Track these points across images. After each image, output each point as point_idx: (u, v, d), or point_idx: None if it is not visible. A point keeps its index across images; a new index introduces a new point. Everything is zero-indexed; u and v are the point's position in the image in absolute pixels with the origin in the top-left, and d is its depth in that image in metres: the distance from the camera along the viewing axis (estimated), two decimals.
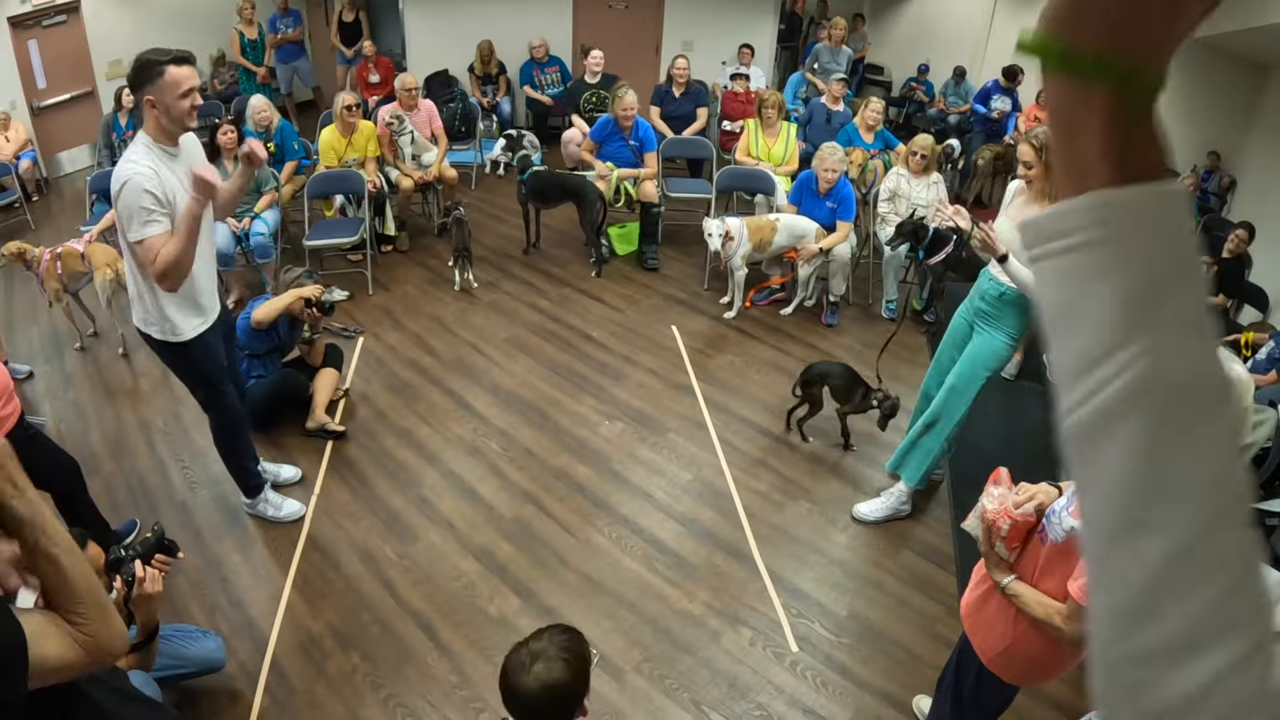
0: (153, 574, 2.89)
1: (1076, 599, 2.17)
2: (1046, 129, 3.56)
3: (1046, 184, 3.75)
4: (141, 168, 3.39)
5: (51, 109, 9.21)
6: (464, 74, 10.29)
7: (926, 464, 4.50)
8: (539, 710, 2.20)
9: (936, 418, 4.39)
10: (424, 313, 6.68)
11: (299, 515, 4.55)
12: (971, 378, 4.25)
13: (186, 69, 3.48)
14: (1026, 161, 3.86)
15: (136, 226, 3.41)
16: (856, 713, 3.58)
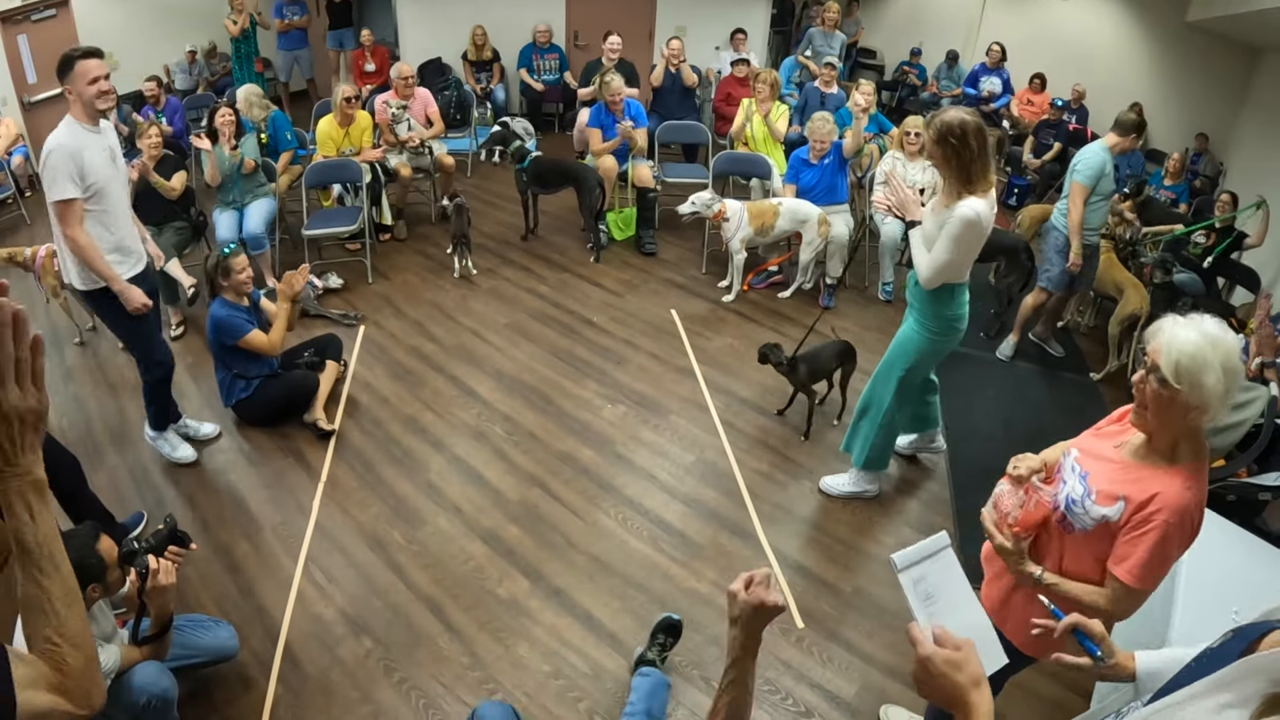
0: (166, 566, 2.92)
1: (1124, 581, 2.17)
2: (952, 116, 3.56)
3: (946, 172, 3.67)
4: (65, 140, 4.02)
5: (43, 104, 9.15)
6: (457, 62, 10.28)
7: (867, 447, 4.50)
8: None
9: (868, 404, 4.44)
10: (424, 300, 6.70)
11: (192, 459, 4.90)
12: (889, 365, 4.28)
13: (94, 61, 4.07)
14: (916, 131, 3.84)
15: (56, 189, 4.01)
16: (863, 686, 3.63)
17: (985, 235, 3.67)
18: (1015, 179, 9.59)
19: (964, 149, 3.52)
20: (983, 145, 3.54)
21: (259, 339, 4.89)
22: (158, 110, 8.57)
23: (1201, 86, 9.17)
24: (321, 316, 6.33)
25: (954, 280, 3.89)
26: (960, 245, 3.66)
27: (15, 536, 1.36)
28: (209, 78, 10.42)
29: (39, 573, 1.39)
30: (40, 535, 1.38)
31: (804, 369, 5.07)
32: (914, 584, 1.72)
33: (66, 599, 1.42)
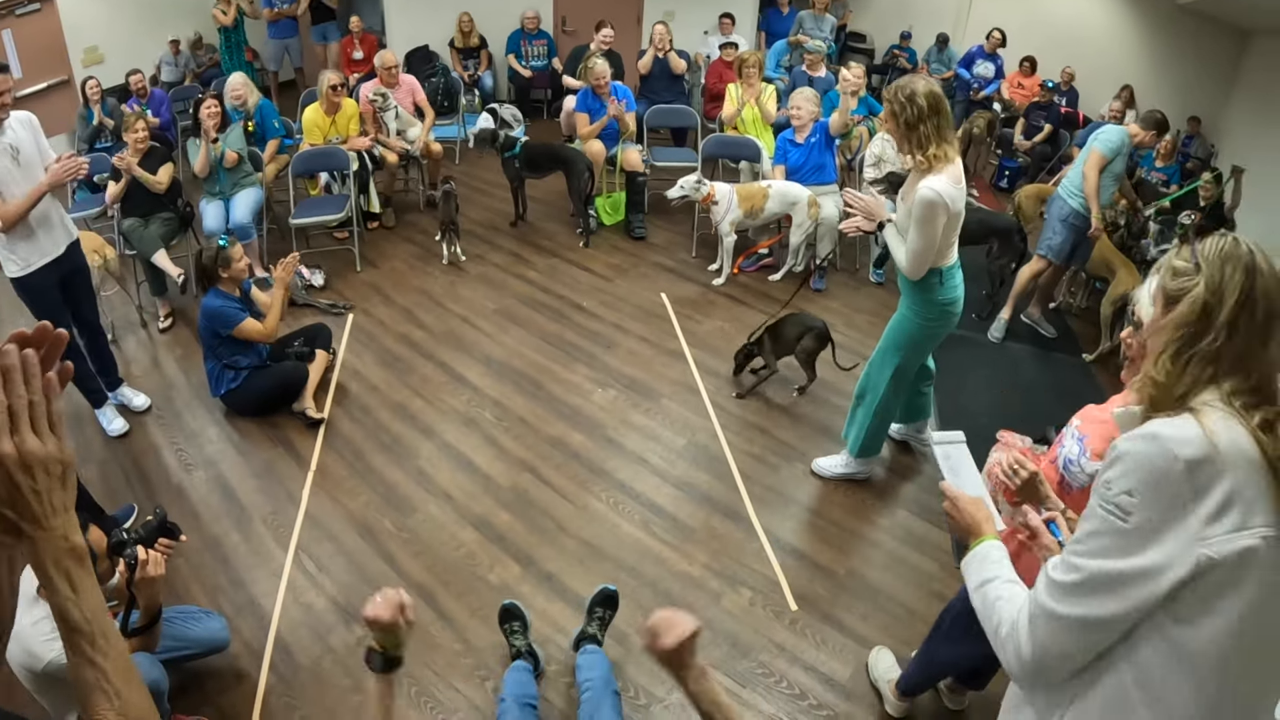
0: (155, 557, 2.89)
1: None
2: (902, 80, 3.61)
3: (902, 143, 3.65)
4: None
5: (28, 99, 9.06)
6: (445, 49, 10.23)
7: (862, 435, 4.47)
8: None
9: (864, 391, 4.42)
10: (413, 287, 6.67)
11: (123, 431, 5.03)
12: (883, 352, 4.25)
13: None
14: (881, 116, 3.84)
15: None
16: (857, 669, 3.61)
17: (954, 211, 3.62)
18: (1006, 161, 9.58)
19: (910, 106, 3.50)
20: (933, 108, 3.50)
21: (253, 327, 4.88)
22: (143, 102, 8.51)
23: (1193, 68, 9.16)
24: (310, 306, 6.29)
25: (940, 264, 3.83)
26: (928, 228, 3.61)
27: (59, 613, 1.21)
28: (195, 69, 10.35)
29: (92, 649, 1.24)
30: (88, 610, 1.23)
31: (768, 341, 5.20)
32: (944, 459, 2.25)
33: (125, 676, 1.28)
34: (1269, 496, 1.36)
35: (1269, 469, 1.36)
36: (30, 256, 4.48)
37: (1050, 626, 1.50)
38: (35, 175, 4.41)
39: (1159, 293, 1.60)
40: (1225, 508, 1.35)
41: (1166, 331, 1.54)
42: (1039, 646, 1.51)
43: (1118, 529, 1.41)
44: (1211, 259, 1.51)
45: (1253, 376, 1.46)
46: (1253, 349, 1.47)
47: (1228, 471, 1.35)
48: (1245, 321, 1.46)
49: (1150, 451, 1.39)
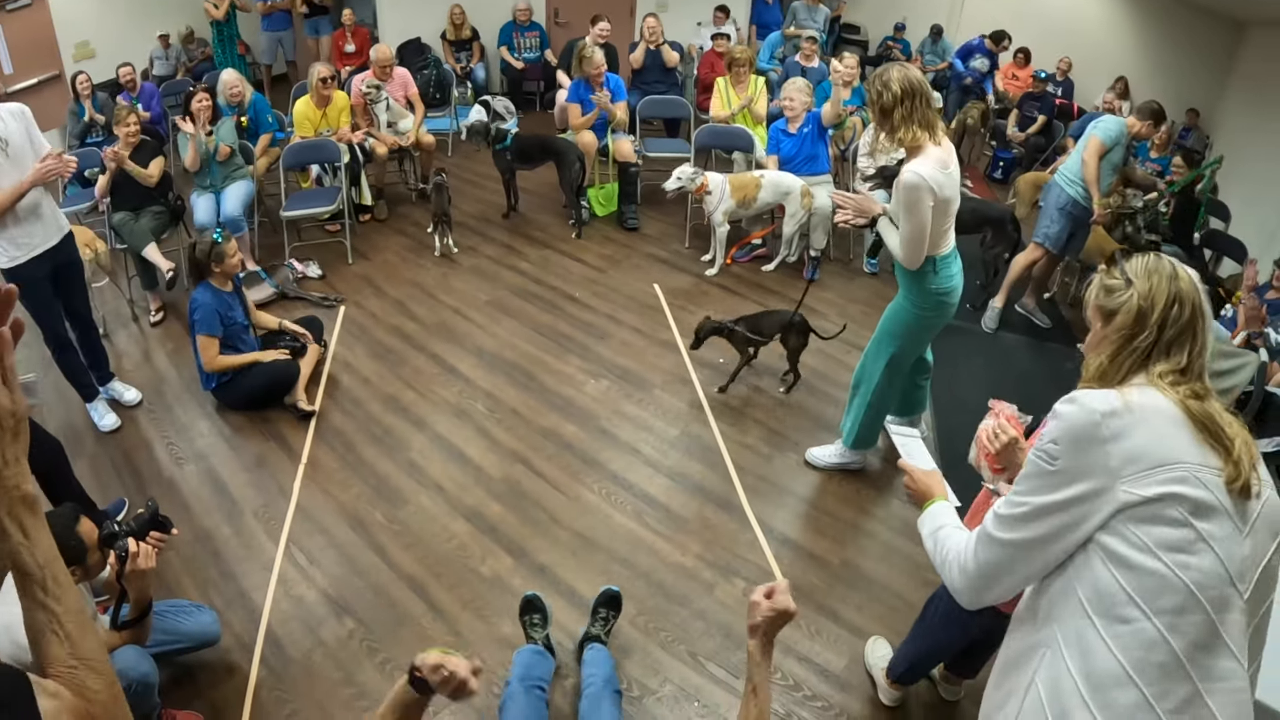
0: (146, 550, 2.87)
1: None
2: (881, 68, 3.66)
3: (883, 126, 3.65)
4: None
5: (19, 94, 9.02)
6: (437, 42, 10.19)
7: (856, 426, 4.47)
8: None
9: (859, 381, 4.41)
10: (405, 279, 6.65)
11: (115, 427, 5.03)
12: (878, 342, 4.23)
13: None
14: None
15: None
16: (852, 659, 3.60)
17: (941, 197, 3.60)
18: (1001, 152, 9.56)
19: (885, 92, 3.53)
20: (908, 92, 3.51)
21: (210, 349, 4.88)
22: (133, 96, 8.47)
23: (1188, 60, 9.13)
24: (301, 298, 6.27)
25: (936, 252, 3.80)
26: (914, 213, 3.60)
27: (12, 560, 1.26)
28: (187, 63, 10.30)
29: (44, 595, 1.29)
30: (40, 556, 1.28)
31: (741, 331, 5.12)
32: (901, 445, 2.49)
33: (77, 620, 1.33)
34: (1193, 442, 1.63)
35: (1192, 422, 1.65)
36: (19, 249, 4.45)
37: (992, 549, 1.80)
38: (25, 167, 4.37)
39: (1096, 310, 1.88)
40: (1142, 449, 1.62)
41: (1110, 338, 1.83)
42: (981, 564, 1.83)
43: (1045, 471, 1.71)
44: (1140, 273, 1.81)
45: (1181, 360, 1.74)
46: (1182, 339, 1.75)
47: (1140, 422, 1.64)
48: (1173, 319, 1.76)
49: (1073, 409, 1.69)
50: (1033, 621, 1.81)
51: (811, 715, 3.37)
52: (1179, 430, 1.63)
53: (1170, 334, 1.75)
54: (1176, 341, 1.76)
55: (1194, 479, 1.59)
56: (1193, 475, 1.59)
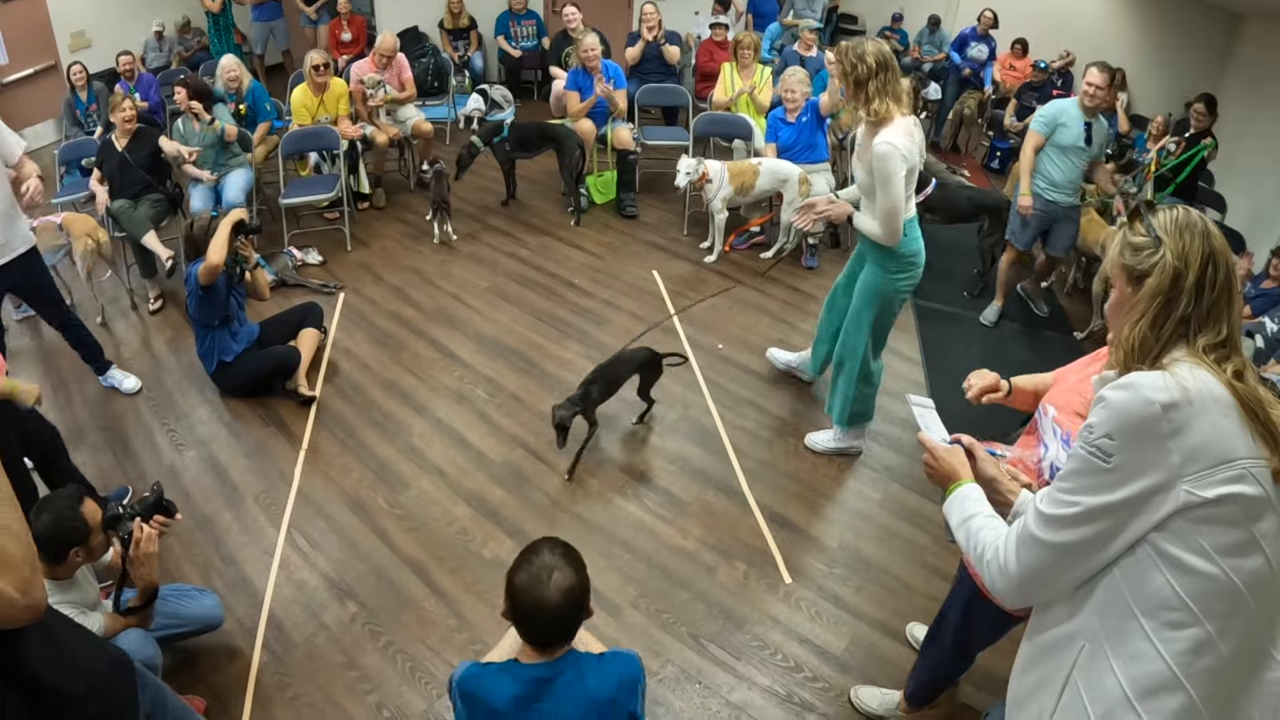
0: (149, 533, 2.88)
1: None
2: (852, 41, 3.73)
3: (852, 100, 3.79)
4: None
5: (14, 85, 9.00)
6: (434, 30, 10.17)
7: (848, 404, 4.51)
8: (564, 617, 2.18)
9: (842, 359, 4.44)
10: (404, 266, 6.65)
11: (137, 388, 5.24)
12: (856, 315, 4.29)
13: None
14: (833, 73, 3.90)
15: None
16: (853, 641, 3.62)
17: (910, 161, 3.73)
18: (998, 142, 9.55)
19: (860, 65, 3.66)
20: (881, 65, 3.65)
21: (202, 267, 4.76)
22: (131, 85, 8.45)
23: (1188, 51, 9.12)
24: (301, 285, 6.27)
25: (909, 213, 3.95)
26: (891, 182, 3.71)
27: None
28: (183, 53, 10.28)
29: None
30: None
31: (596, 391, 4.59)
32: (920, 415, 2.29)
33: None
34: (1244, 432, 1.49)
35: (1242, 409, 1.49)
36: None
37: (1037, 551, 1.63)
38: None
39: (1121, 271, 1.71)
40: (1202, 446, 1.47)
41: (1142, 303, 1.63)
42: (1025, 567, 1.66)
43: (1099, 469, 1.53)
44: (1170, 230, 1.62)
45: (1222, 330, 1.58)
46: (1219, 306, 1.59)
47: (1200, 413, 1.47)
48: (1209, 282, 1.59)
49: (1128, 398, 1.50)
50: (1068, 606, 1.69)
51: (812, 696, 3.39)
52: (1232, 420, 1.49)
53: (1208, 299, 1.59)
54: (1214, 308, 1.59)
55: (1251, 476, 1.47)
56: (1249, 473, 1.47)
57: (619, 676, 2.29)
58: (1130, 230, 1.70)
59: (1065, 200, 5.67)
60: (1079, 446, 1.58)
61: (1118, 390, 1.53)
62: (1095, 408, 1.57)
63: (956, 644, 2.88)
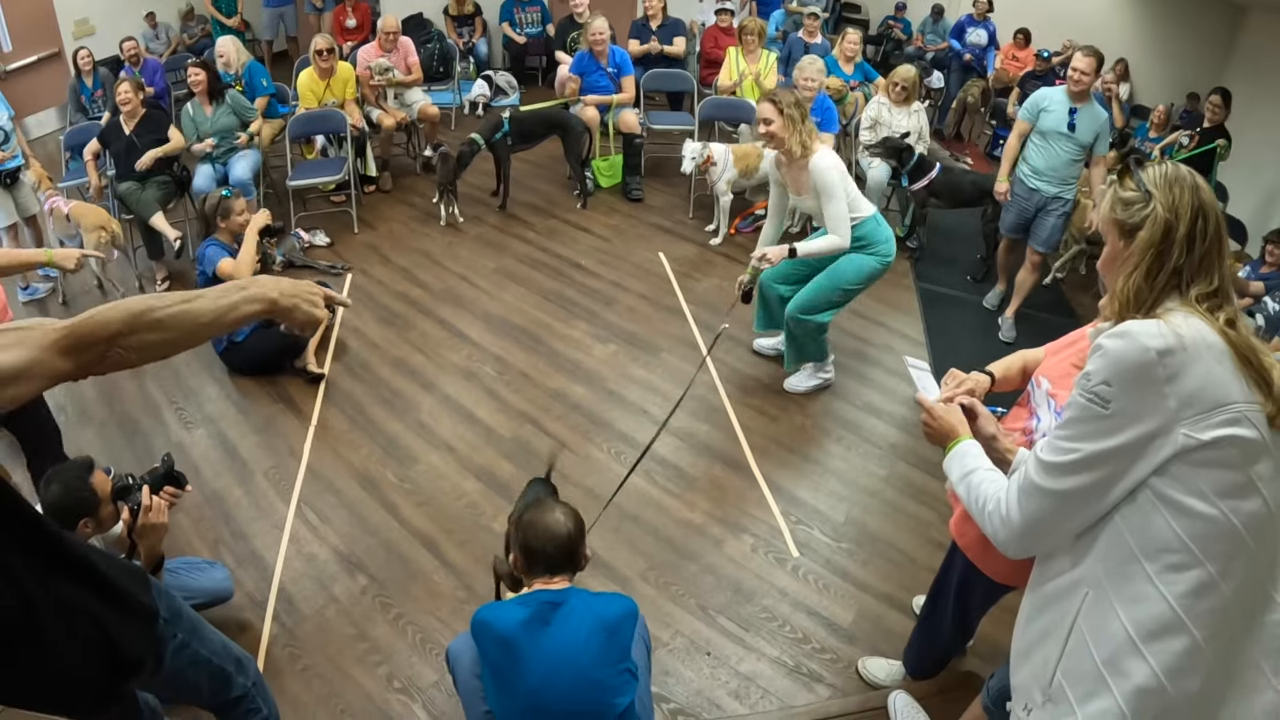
0: (158, 504, 2.88)
1: None
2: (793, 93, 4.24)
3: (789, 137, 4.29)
4: None
5: (18, 72, 9.00)
6: (439, 17, 10.17)
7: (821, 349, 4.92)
8: (570, 542, 2.43)
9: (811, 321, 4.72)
10: (411, 248, 6.67)
11: None
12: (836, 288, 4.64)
13: None
14: (765, 118, 4.32)
15: None
16: (859, 614, 3.65)
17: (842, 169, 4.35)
18: (1001, 130, 9.54)
19: (798, 108, 4.27)
20: (805, 112, 4.32)
21: (227, 265, 4.89)
22: (137, 71, 8.46)
23: (1190, 42, 9.13)
24: (308, 267, 6.29)
25: (864, 212, 4.48)
26: (839, 189, 4.29)
27: None
28: (187, 40, 10.30)
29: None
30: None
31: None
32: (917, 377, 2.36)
33: None
34: (1238, 378, 1.52)
35: (1235, 355, 1.52)
36: None
37: (1038, 500, 1.66)
38: None
39: (1113, 226, 1.75)
40: (1199, 390, 1.50)
41: (1135, 256, 1.68)
42: (1027, 517, 1.69)
43: (1098, 415, 1.56)
44: (1160, 184, 1.67)
45: (1214, 280, 1.63)
46: (1210, 257, 1.64)
47: (1195, 359, 1.50)
48: (1200, 233, 1.63)
49: (1124, 345, 1.53)
50: (1070, 555, 1.71)
51: (820, 667, 3.42)
52: (1226, 366, 1.52)
53: (1199, 250, 1.63)
54: (1205, 259, 1.63)
55: (1246, 420, 1.50)
56: (1245, 416, 1.50)
57: (620, 608, 2.45)
58: (1121, 186, 1.74)
59: (1048, 189, 5.55)
60: (1077, 394, 1.61)
61: (1114, 338, 1.56)
62: (1092, 356, 1.60)
63: (954, 614, 2.90)
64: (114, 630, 1.91)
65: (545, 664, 2.31)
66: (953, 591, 2.85)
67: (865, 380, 5.17)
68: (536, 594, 2.40)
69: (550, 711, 2.33)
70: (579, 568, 2.54)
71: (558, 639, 2.33)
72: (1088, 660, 1.64)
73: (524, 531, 2.46)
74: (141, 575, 2.16)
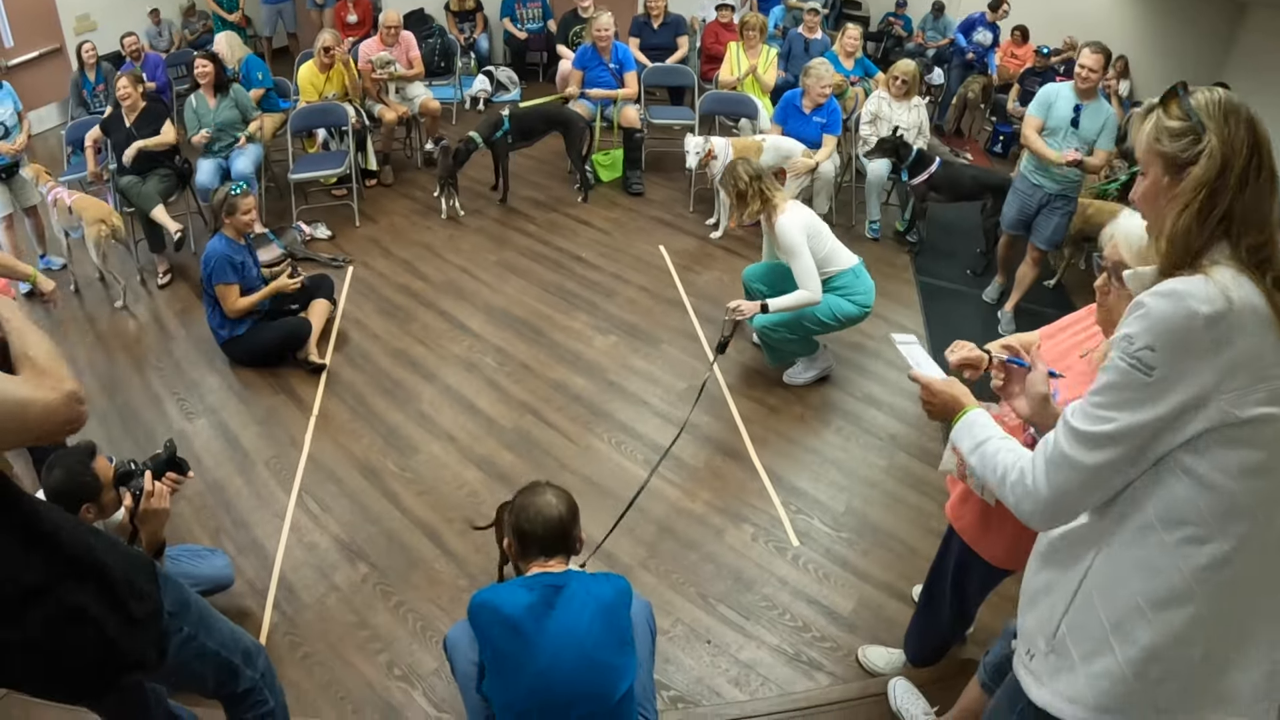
0: (160, 489, 2.88)
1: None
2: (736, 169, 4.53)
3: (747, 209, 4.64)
4: None
5: (20, 68, 8.99)
6: (440, 13, 10.18)
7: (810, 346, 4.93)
8: (564, 523, 2.48)
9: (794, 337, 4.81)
10: (412, 240, 6.70)
11: None
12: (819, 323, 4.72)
13: None
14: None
15: None
16: (859, 603, 3.66)
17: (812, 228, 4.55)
18: (1001, 126, 9.56)
19: (738, 181, 4.56)
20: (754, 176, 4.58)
21: (230, 295, 4.92)
22: (138, 66, 8.47)
23: (1190, 39, 9.14)
24: (310, 259, 6.30)
25: (843, 265, 4.68)
26: (802, 248, 4.44)
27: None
28: (188, 36, 10.31)
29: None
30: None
31: None
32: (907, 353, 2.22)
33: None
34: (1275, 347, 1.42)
35: (1276, 319, 1.41)
36: None
37: (1068, 472, 1.55)
38: None
39: (1156, 157, 1.56)
40: (1243, 362, 1.41)
41: (1185, 195, 1.50)
42: (1056, 489, 1.57)
43: (1141, 383, 1.46)
44: (1215, 114, 1.50)
45: (1265, 231, 1.47)
46: (1263, 201, 1.48)
47: (1242, 327, 1.40)
48: (1254, 174, 1.47)
49: (1171, 308, 1.42)
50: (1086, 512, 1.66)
51: (820, 655, 3.43)
52: (1269, 334, 1.41)
53: (1251, 193, 1.47)
54: (1258, 202, 1.48)
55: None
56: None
57: (614, 588, 2.48)
58: (1165, 113, 1.56)
59: (1051, 186, 5.52)
60: (1117, 358, 1.50)
61: (1160, 298, 1.44)
62: (1132, 316, 1.48)
63: (951, 601, 2.90)
64: (112, 630, 1.93)
65: (552, 647, 2.32)
66: (949, 577, 2.85)
67: (865, 372, 5.18)
68: (538, 577, 2.41)
69: (555, 694, 2.34)
70: (573, 550, 2.55)
71: (562, 623, 2.34)
72: (1094, 620, 1.62)
73: (516, 515, 2.50)
74: (148, 567, 2.16)
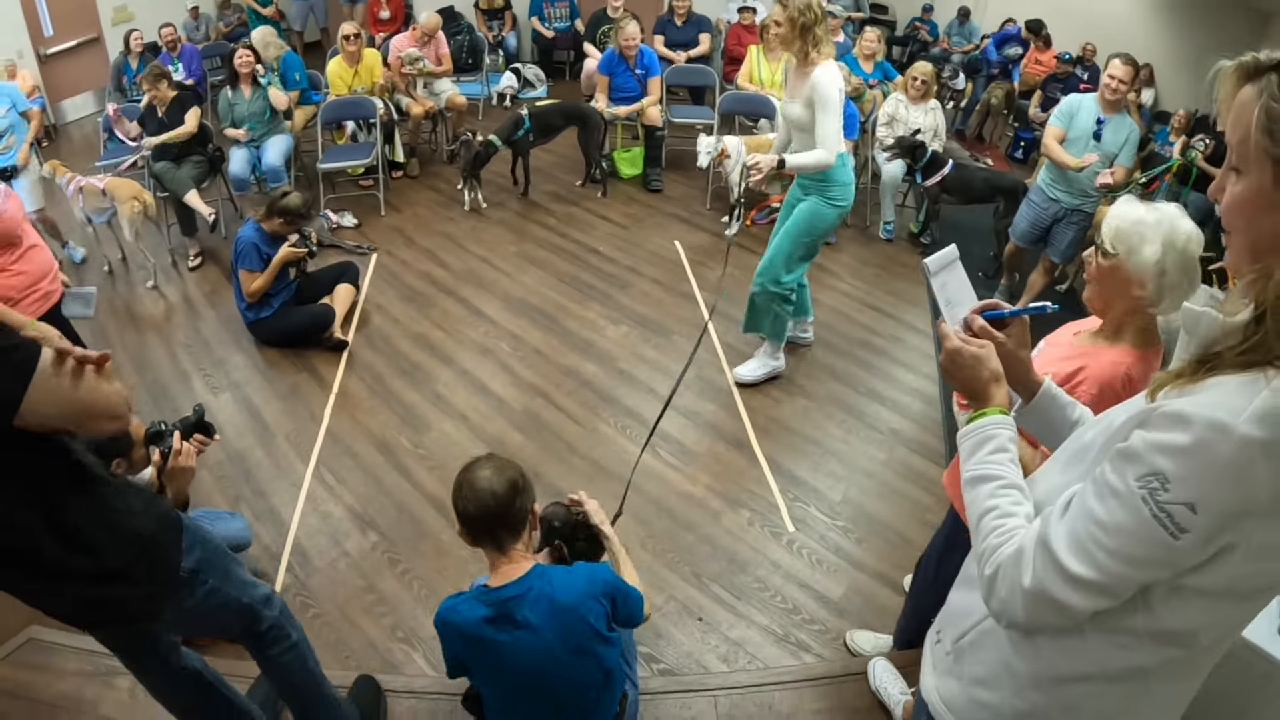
0: (188, 449, 3.04)
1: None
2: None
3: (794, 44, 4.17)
4: None
5: (58, 56, 9.23)
6: (470, 10, 10.33)
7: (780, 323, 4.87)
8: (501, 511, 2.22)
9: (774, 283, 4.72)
10: (435, 231, 6.86)
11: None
12: (794, 239, 4.63)
13: None
14: (775, 20, 4.30)
15: None
16: (850, 589, 3.75)
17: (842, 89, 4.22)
18: (1022, 132, 9.61)
19: (808, 12, 4.07)
20: (821, 16, 4.12)
21: (250, 282, 5.13)
22: (175, 57, 8.67)
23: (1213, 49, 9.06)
24: (335, 246, 6.49)
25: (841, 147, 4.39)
26: (835, 106, 4.13)
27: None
28: (223, 29, 10.51)
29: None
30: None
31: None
32: (941, 288, 1.73)
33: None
34: None
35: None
36: None
37: (1051, 614, 1.27)
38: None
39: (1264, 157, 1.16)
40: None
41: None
42: (1031, 620, 1.31)
43: (1164, 543, 1.13)
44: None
45: None
46: None
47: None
48: None
49: (1216, 442, 1.07)
50: None
51: (808, 637, 3.53)
52: None
53: None
54: None
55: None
56: None
57: (585, 582, 2.31)
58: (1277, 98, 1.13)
59: (1068, 200, 5.49)
60: (1134, 490, 1.14)
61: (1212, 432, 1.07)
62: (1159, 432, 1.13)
63: (934, 581, 2.92)
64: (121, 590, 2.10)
65: (519, 656, 2.25)
66: (935, 557, 2.92)
67: (870, 368, 5.27)
68: (492, 592, 2.24)
69: (538, 690, 2.32)
70: (521, 529, 2.30)
71: (524, 638, 2.22)
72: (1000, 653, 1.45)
73: (454, 492, 2.28)
74: (177, 525, 2.31)
